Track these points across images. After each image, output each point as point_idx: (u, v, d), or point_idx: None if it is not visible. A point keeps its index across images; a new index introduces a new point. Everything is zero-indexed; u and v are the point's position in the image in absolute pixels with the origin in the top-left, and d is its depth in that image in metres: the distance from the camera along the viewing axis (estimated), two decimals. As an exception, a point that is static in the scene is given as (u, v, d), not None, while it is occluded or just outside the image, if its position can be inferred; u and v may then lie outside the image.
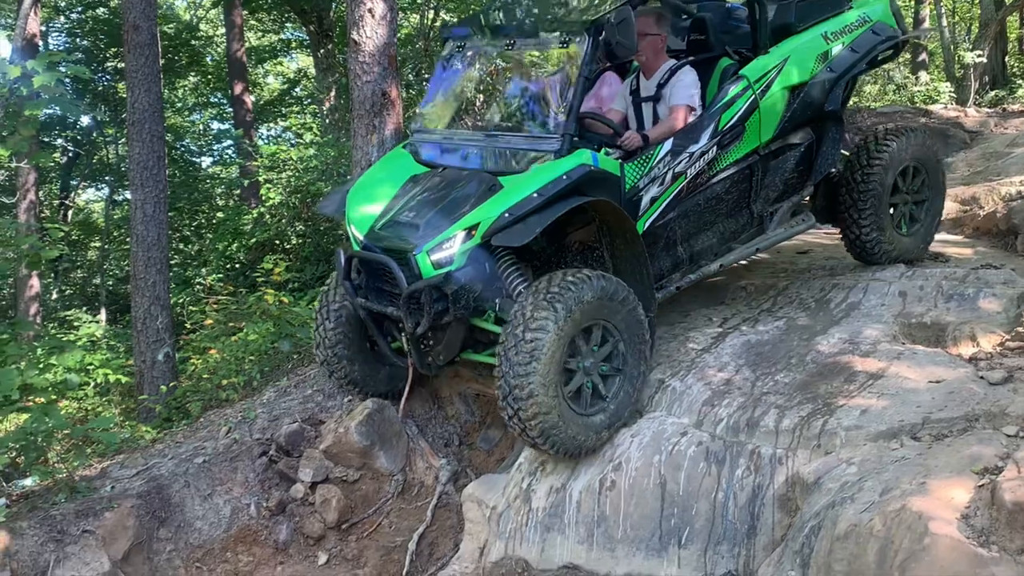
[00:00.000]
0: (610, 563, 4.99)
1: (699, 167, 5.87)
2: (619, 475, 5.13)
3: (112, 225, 18.86)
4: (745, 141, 6.10)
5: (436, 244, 5.11)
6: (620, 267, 5.59)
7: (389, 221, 5.44)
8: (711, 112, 5.89)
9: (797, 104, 6.29)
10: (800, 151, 6.52)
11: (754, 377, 5.54)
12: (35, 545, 5.36)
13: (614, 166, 5.45)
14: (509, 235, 5.00)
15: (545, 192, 5.10)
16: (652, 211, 5.69)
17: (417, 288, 5.12)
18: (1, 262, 8.02)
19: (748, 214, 6.40)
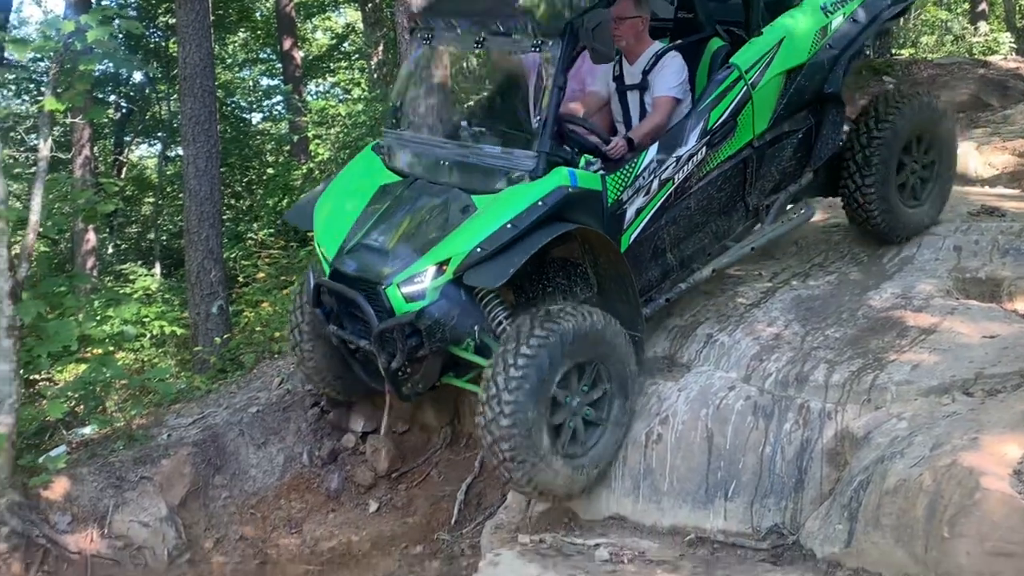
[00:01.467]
0: (656, 515, 5.02)
1: (687, 170, 5.41)
2: (666, 428, 5.14)
3: (165, 181, 19.09)
4: (737, 136, 5.62)
5: (407, 277, 4.80)
6: (604, 285, 5.25)
7: (357, 244, 5.08)
8: (698, 110, 5.39)
9: (794, 88, 5.80)
10: (798, 137, 6.03)
11: (804, 332, 5.51)
12: (95, 491, 5.53)
13: (595, 181, 4.99)
14: (482, 275, 4.70)
15: (520, 222, 4.71)
16: (638, 223, 5.27)
17: (387, 327, 4.84)
18: (58, 216, 8.16)
19: (743, 208, 5.92)
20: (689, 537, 4.87)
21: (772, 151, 5.90)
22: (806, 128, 6.04)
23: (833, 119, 6.05)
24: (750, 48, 5.61)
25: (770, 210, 6.02)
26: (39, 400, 7.79)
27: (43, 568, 5.19)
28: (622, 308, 5.12)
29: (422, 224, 4.97)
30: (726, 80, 5.45)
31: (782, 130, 5.90)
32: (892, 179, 6.14)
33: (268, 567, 5.53)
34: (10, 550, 5.14)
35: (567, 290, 5.28)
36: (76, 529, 5.34)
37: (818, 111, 6.04)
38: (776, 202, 6.04)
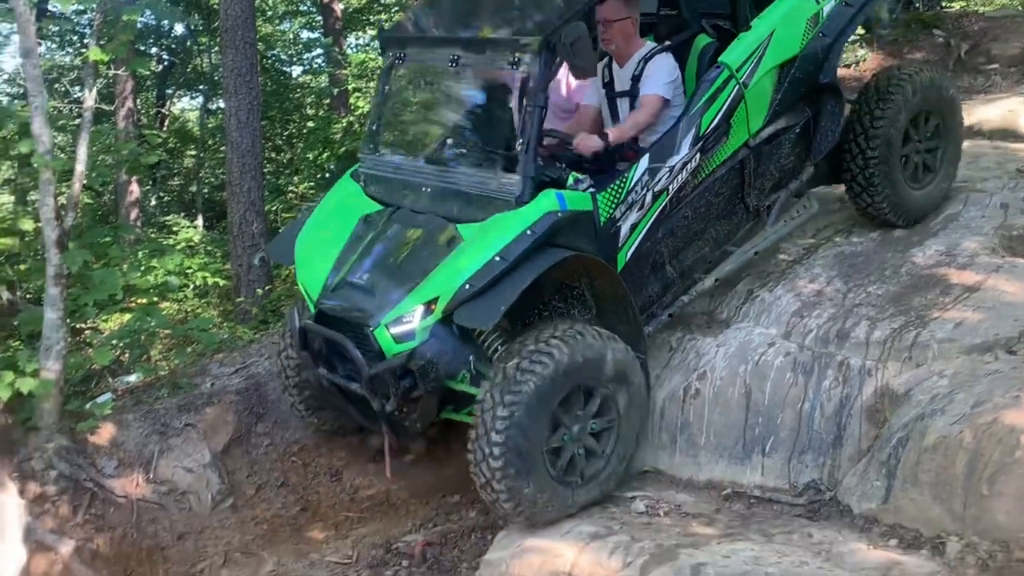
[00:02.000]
0: (692, 469, 5.05)
1: (682, 179, 5.16)
2: (704, 384, 5.15)
3: (207, 133, 19.21)
4: (732, 138, 5.37)
5: (395, 318, 4.56)
6: (604, 307, 5.02)
7: (342, 282, 4.85)
8: (689, 115, 5.13)
9: (788, 82, 5.53)
10: (796, 132, 5.76)
11: (846, 288, 5.47)
12: (140, 437, 5.65)
13: (584, 201, 4.75)
14: (472, 315, 4.46)
15: (509, 254, 4.47)
16: (633, 239, 5.04)
17: (379, 371, 4.60)
18: (102, 168, 8.26)
19: (743, 210, 5.68)
20: (725, 492, 4.90)
21: (770, 149, 5.65)
22: (804, 121, 5.78)
23: (831, 110, 5.79)
24: (739, 44, 5.34)
25: (771, 210, 5.78)
26: (85, 348, 7.93)
27: (90, 511, 5.31)
28: (623, 329, 4.88)
29: (407, 258, 4.75)
30: (716, 81, 5.20)
31: (779, 126, 5.65)
32: (896, 162, 5.87)
33: (309, 513, 5.62)
34: (58, 493, 5.27)
35: (565, 313, 5.05)
36: (122, 474, 5.46)
37: (815, 102, 5.78)
38: (777, 201, 5.80)
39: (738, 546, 4.13)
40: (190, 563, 5.24)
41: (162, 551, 5.30)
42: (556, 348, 4.43)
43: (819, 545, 4.13)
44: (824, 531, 4.27)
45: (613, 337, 4.67)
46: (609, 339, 4.64)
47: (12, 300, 8.39)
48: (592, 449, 4.71)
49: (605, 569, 4.15)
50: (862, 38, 10.01)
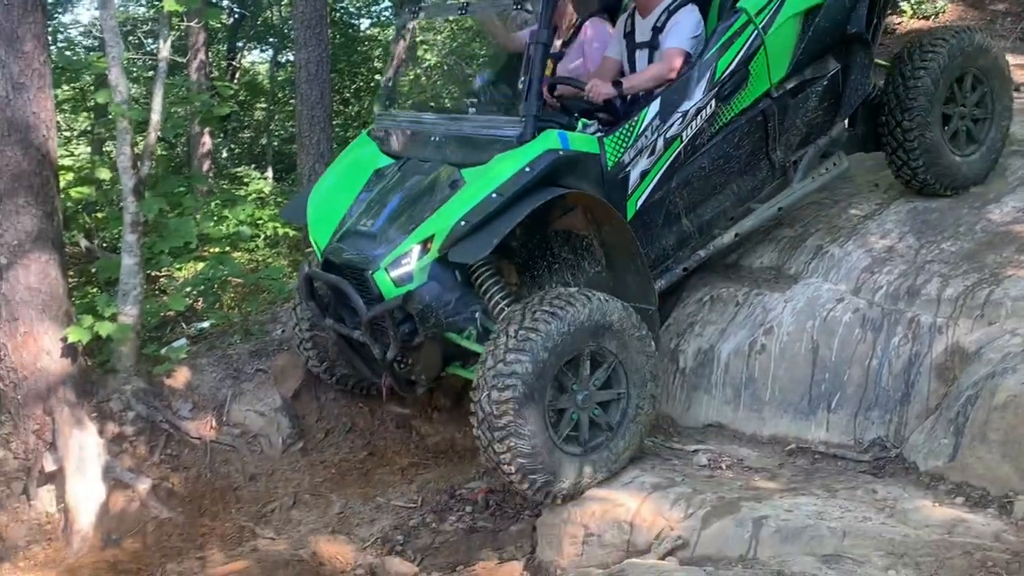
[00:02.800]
0: (756, 423, 5.04)
1: (696, 126, 4.99)
2: (770, 339, 5.12)
3: (276, 86, 19.38)
4: (751, 86, 5.17)
5: (394, 259, 4.48)
6: (613, 258, 4.86)
7: (348, 231, 4.82)
8: (704, 60, 4.97)
9: (813, 31, 5.31)
10: (823, 85, 5.52)
11: (918, 245, 5.38)
12: (214, 381, 5.81)
13: (590, 143, 4.64)
14: (463, 250, 4.35)
15: (505, 190, 4.37)
16: (644, 186, 4.88)
17: (376, 313, 4.52)
18: (176, 119, 8.40)
19: (768, 166, 5.46)
20: (789, 447, 4.89)
21: (795, 101, 5.43)
22: (832, 74, 5.54)
23: (860, 62, 5.55)
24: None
25: (798, 166, 5.57)
26: (160, 295, 8.14)
27: (166, 451, 5.49)
28: (632, 280, 4.79)
29: (412, 203, 4.68)
30: (733, 25, 5.03)
31: (804, 77, 5.44)
32: (937, 129, 5.63)
33: (375, 458, 5.74)
34: (136, 433, 5.45)
35: (574, 266, 4.95)
36: (196, 416, 5.62)
37: (844, 54, 5.55)
38: (804, 157, 5.58)
39: (800, 500, 4.13)
40: (261, 503, 5.40)
41: (234, 491, 5.47)
42: (564, 306, 4.26)
43: (883, 501, 4.11)
44: (888, 488, 4.25)
45: (609, 299, 4.45)
46: (606, 301, 4.41)
47: (89, 248, 8.66)
48: (597, 420, 4.52)
49: (666, 519, 4.19)
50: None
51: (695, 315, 5.55)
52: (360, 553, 4.93)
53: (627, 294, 4.73)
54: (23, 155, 5.20)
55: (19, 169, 5.19)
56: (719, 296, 5.52)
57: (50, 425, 5.26)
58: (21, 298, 5.22)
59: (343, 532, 5.14)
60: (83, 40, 17.56)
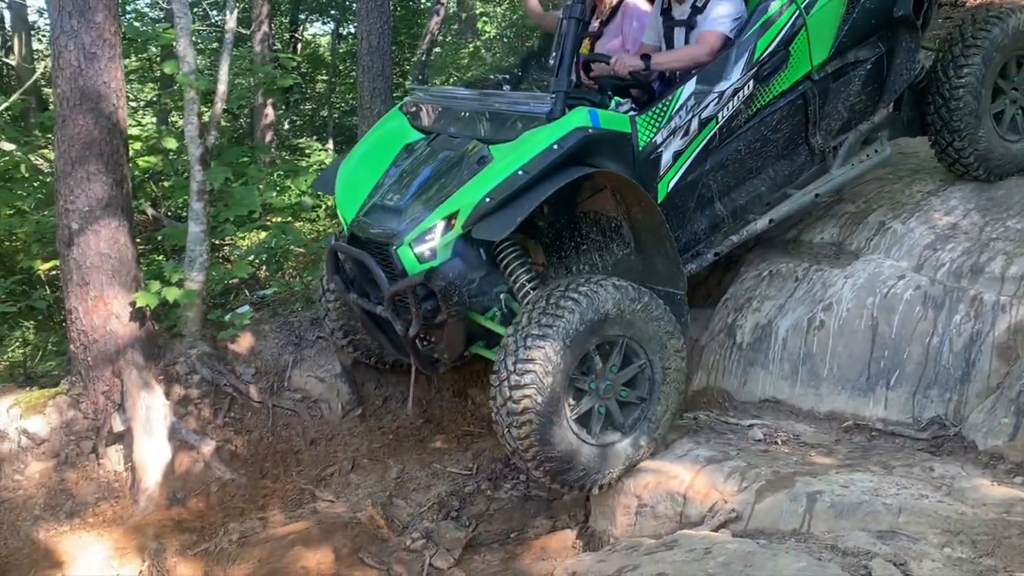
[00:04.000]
0: (813, 400, 5.02)
1: (733, 107, 4.82)
2: (829, 315, 5.09)
3: (338, 59, 19.53)
4: (792, 68, 5.00)
5: (418, 235, 4.39)
6: (642, 240, 4.70)
7: (374, 205, 4.73)
8: (743, 40, 4.79)
9: (858, 12, 5.13)
10: (867, 68, 5.32)
11: (983, 222, 5.29)
12: (276, 347, 5.93)
13: (622, 122, 4.50)
14: (487, 227, 4.24)
15: (531, 168, 4.25)
16: (677, 168, 4.74)
17: (399, 289, 4.45)
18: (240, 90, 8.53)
19: (806, 151, 5.30)
20: (847, 423, 4.86)
21: (837, 85, 5.25)
22: (876, 57, 5.34)
23: (907, 46, 5.33)
24: None
25: (838, 152, 5.39)
26: (224, 263, 8.31)
27: (229, 414, 5.63)
28: (661, 263, 4.66)
29: (439, 179, 4.56)
30: (774, 4, 4.86)
31: (846, 60, 5.25)
32: (986, 113, 5.41)
33: (432, 426, 5.83)
34: (200, 396, 5.60)
35: (603, 247, 4.85)
36: (259, 380, 5.75)
37: (889, 37, 5.36)
38: (845, 143, 5.40)
39: (856, 476, 4.11)
40: (321, 466, 5.52)
41: (295, 454, 5.60)
42: (584, 295, 4.19)
43: (940, 479, 4.08)
44: (946, 466, 4.22)
45: (633, 287, 4.37)
46: (639, 293, 4.37)
47: (156, 216, 8.86)
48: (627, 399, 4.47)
49: (720, 492, 4.21)
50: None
51: (753, 290, 5.52)
52: (416, 517, 5.03)
53: (656, 277, 4.68)
54: (94, 123, 5.33)
55: (90, 137, 5.33)
56: (778, 271, 5.49)
57: (118, 386, 5.42)
58: (92, 263, 5.37)
59: (400, 496, 5.24)
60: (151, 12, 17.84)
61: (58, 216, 5.44)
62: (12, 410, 5.32)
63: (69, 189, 5.34)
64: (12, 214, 7.72)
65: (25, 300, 7.21)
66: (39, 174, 8.03)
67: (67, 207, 5.35)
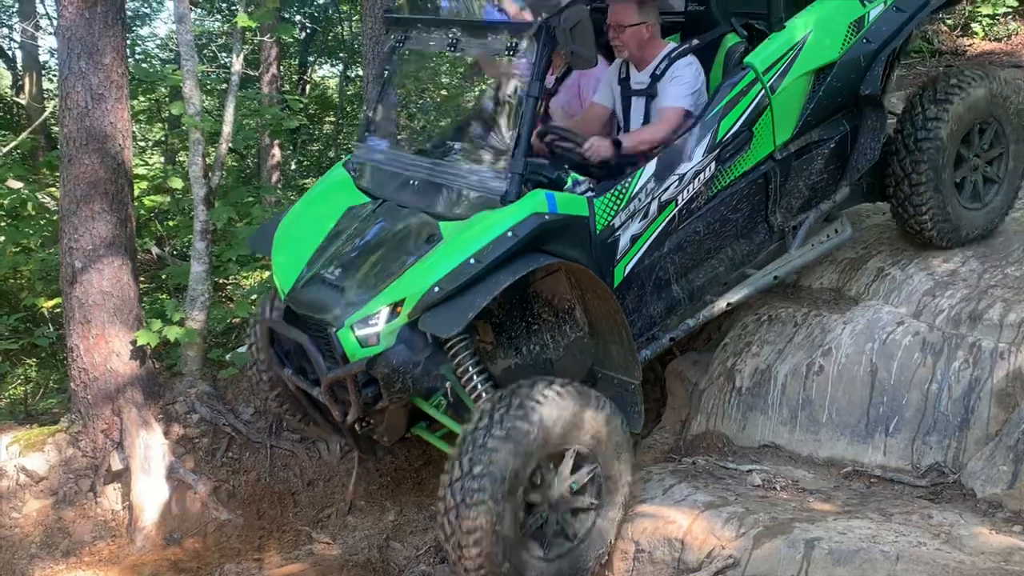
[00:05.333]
0: (812, 445, 5.00)
1: (693, 189, 4.64)
2: (828, 360, 5.08)
3: (346, 100, 19.71)
4: (755, 148, 4.83)
5: (360, 319, 4.09)
6: (596, 324, 4.50)
7: (314, 277, 4.41)
8: (705, 120, 4.61)
9: (824, 91, 4.97)
10: (830, 147, 5.17)
11: (981, 269, 5.30)
12: (276, 387, 5.92)
13: (579, 205, 4.28)
14: (435, 321, 3.96)
15: (484, 257, 4.00)
16: (634, 252, 4.54)
17: (338, 376, 4.18)
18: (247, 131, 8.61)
19: (765, 229, 5.10)
20: (845, 470, 4.84)
21: (799, 163, 5.07)
22: (840, 136, 5.19)
23: (872, 125, 5.17)
24: (769, 45, 4.81)
25: (798, 232, 5.21)
26: (226, 302, 8.34)
27: (228, 454, 5.63)
28: (616, 351, 4.45)
29: (384, 255, 4.29)
30: (739, 84, 4.68)
31: (811, 139, 5.10)
32: (949, 183, 5.26)
33: (430, 467, 5.82)
34: (199, 435, 5.60)
35: (555, 328, 4.64)
36: (257, 420, 5.76)
37: (854, 116, 5.22)
38: (805, 222, 5.21)
39: (855, 523, 4.09)
40: (318, 508, 5.51)
41: (292, 495, 5.59)
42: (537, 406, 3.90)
43: (939, 527, 4.06)
44: (945, 513, 4.19)
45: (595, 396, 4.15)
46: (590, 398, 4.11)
47: (160, 255, 8.90)
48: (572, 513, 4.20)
49: (718, 538, 4.18)
50: (1015, 10, 9.55)
51: (752, 334, 5.53)
52: (413, 561, 5.00)
53: (610, 364, 4.51)
54: (100, 163, 5.40)
55: (96, 176, 5.39)
56: (777, 316, 5.50)
57: (118, 425, 5.43)
58: (94, 301, 5.41)
59: (397, 539, 5.22)
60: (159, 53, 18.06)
61: (62, 254, 5.49)
62: (11, 447, 5.34)
63: (73, 227, 5.39)
64: (18, 251, 7.77)
65: (28, 337, 7.24)
66: (45, 212, 8.10)
67: (71, 245, 5.40)
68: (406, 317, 4.05)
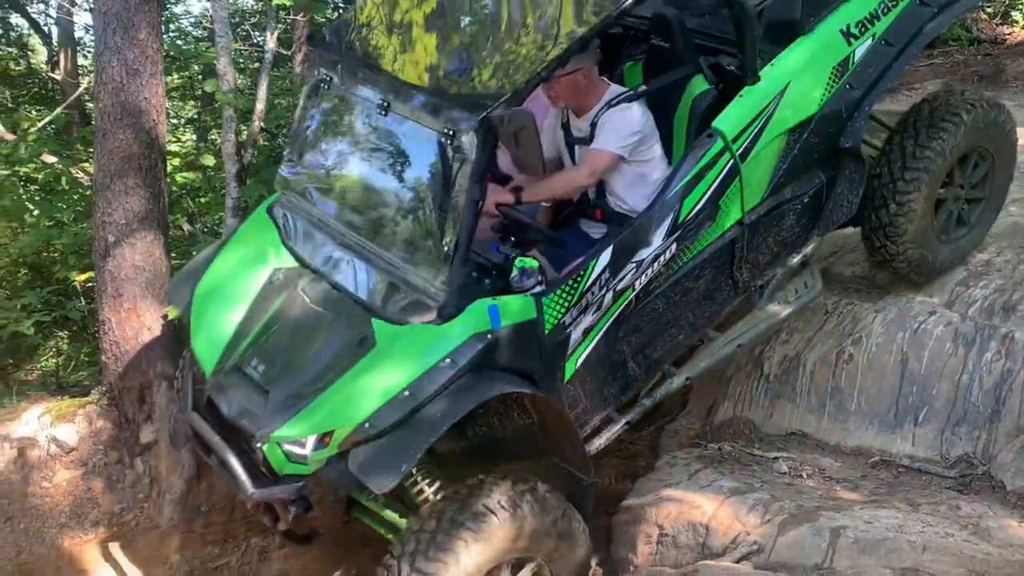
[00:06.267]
0: (840, 434, 4.98)
1: (652, 272, 4.21)
2: (858, 349, 5.05)
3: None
4: (720, 221, 4.36)
5: (287, 439, 3.69)
6: (547, 423, 4.13)
7: (235, 366, 3.98)
8: (666, 199, 4.10)
9: (800, 148, 4.47)
10: (803, 201, 4.68)
11: (1016, 260, 5.24)
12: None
13: (526, 309, 3.83)
14: (367, 471, 3.55)
15: (419, 390, 3.61)
16: (587, 344, 4.14)
17: (264, 498, 3.83)
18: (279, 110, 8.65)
19: (729, 286, 4.62)
20: (873, 459, 4.82)
21: (768, 221, 4.59)
22: (814, 190, 4.69)
23: (850, 176, 4.69)
24: (740, 105, 4.26)
25: (764, 290, 4.77)
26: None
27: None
28: (567, 448, 4.13)
29: (311, 354, 3.84)
30: (705, 155, 4.15)
31: (782, 198, 4.60)
32: (930, 215, 4.85)
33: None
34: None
35: (502, 413, 4.37)
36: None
37: (831, 167, 4.72)
38: (772, 280, 4.78)
39: (881, 513, 4.08)
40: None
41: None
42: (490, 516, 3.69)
43: (967, 518, 4.04)
44: (973, 504, 4.17)
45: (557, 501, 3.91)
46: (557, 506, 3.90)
47: (192, 231, 8.97)
48: None
49: (743, 524, 4.18)
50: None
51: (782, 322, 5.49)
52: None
53: (561, 457, 4.20)
54: (134, 138, 5.43)
55: (129, 152, 5.42)
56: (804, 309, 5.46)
57: (148, 398, 5.48)
58: (126, 275, 5.45)
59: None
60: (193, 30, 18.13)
61: (95, 228, 5.54)
62: (43, 418, 5.40)
63: (107, 201, 5.43)
64: (51, 225, 7.85)
65: (60, 310, 7.32)
66: (79, 187, 8.17)
67: (104, 219, 5.44)
68: (335, 449, 3.66)
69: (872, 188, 4.75)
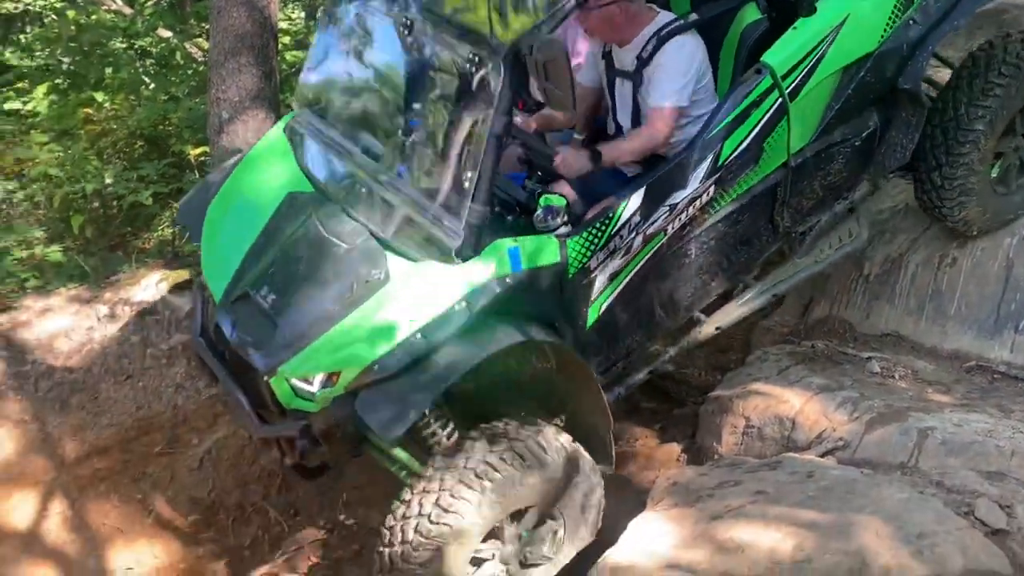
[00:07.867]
0: (937, 337, 4.94)
1: (687, 216, 3.98)
2: (962, 253, 4.97)
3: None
4: (763, 164, 4.11)
5: (295, 373, 3.57)
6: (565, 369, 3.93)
7: (245, 292, 3.77)
8: (705, 139, 3.85)
9: (855, 87, 4.15)
10: (854, 144, 4.38)
11: None
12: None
13: (549, 252, 3.63)
14: (374, 414, 3.38)
15: (432, 333, 3.42)
16: (612, 288, 3.92)
17: (269, 436, 3.78)
18: None
19: (769, 232, 4.39)
20: (969, 364, 4.78)
21: (815, 163, 4.32)
22: (867, 133, 4.40)
23: (906, 121, 4.39)
24: (793, 39, 3.95)
25: (805, 238, 4.54)
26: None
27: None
28: (584, 398, 3.94)
29: (323, 283, 3.62)
30: (752, 92, 3.88)
31: (831, 140, 4.32)
32: (988, 163, 4.57)
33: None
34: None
35: (522, 357, 4.06)
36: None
37: (886, 108, 4.39)
38: (817, 226, 4.54)
39: (972, 416, 4.08)
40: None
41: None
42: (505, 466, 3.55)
43: (1060, 428, 4.01)
44: (1068, 415, 4.13)
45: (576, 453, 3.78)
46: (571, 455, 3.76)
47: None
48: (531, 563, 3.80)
49: (830, 420, 4.23)
50: None
51: (887, 222, 5.40)
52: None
53: (579, 404, 4.03)
54: (247, 16, 5.53)
55: (243, 30, 5.53)
56: (915, 206, 5.35)
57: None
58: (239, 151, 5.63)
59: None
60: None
61: (209, 104, 5.71)
62: (160, 284, 5.69)
63: (221, 79, 5.58)
64: (167, 99, 8.08)
65: (176, 183, 7.59)
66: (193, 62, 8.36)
67: (218, 96, 5.60)
68: (343, 389, 3.54)
69: (928, 130, 4.47)
